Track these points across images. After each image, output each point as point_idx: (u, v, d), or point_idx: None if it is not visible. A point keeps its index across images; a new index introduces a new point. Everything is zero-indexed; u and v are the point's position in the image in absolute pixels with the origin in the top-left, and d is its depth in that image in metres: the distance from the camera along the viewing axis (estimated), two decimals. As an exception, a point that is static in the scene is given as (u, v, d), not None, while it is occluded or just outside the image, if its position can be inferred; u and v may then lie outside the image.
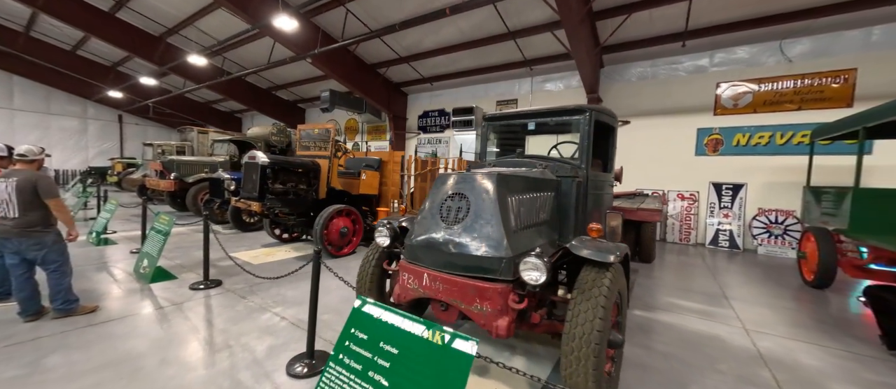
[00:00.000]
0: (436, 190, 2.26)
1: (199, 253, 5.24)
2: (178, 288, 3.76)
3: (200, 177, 8.88)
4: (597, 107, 2.87)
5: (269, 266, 4.80)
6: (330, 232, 5.19)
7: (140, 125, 21.20)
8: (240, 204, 5.01)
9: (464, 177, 2.16)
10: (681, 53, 8.05)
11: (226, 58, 12.47)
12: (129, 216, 8.60)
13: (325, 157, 5.67)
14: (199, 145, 11.69)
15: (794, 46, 6.91)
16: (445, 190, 2.19)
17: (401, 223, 2.65)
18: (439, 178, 2.32)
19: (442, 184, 2.25)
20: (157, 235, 4.13)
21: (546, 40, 8.51)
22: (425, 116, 12.71)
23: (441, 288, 2.00)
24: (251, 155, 5.01)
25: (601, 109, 2.90)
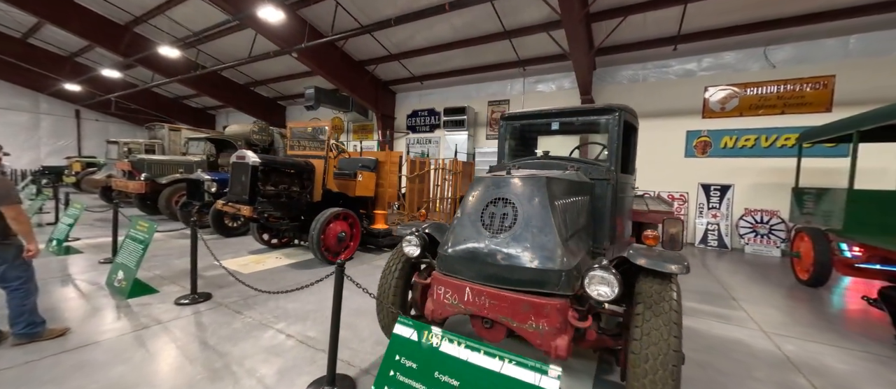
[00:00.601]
0: (473, 194, 2.06)
1: (179, 262, 4.78)
2: (161, 304, 3.36)
3: (175, 177, 8.23)
4: (624, 106, 2.76)
5: (261, 275, 4.43)
6: (327, 237, 4.88)
7: (101, 121, 19.65)
8: (227, 207, 4.60)
9: (507, 181, 1.97)
10: (670, 57, 8.22)
11: (200, 50, 11.70)
12: (91, 220, 7.85)
13: (320, 157, 5.33)
14: (171, 143, 10.92)
15: (778, 53, 7.20)
16: (486, 194, 2.00)
17: (425, 230, 2.44)
18: (476, 182, 2.12)
19: (481, 188, 2.05)
20: (135, 244, 3.69)
21: (541, 41, 8.48)
22: (414, 116, 12.44)
23: (487, 304, 1.80)
24: (240, 154, 4.61)
25: (627, 109, 2.80)
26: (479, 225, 1.94)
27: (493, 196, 1.97)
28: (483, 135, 11.09)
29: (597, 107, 2.78)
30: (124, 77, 14.95)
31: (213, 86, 13.95)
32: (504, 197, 1.93)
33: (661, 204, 4.72)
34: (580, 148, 3.57)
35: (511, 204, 1.91)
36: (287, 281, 4.19)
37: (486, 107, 10.99)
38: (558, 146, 3.96)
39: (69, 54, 14.46)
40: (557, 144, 3.92)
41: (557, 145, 4.14)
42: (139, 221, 3.86)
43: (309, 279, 4.31)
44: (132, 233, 3.83)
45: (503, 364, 1.28)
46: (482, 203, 1.98)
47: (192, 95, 17.32)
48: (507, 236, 1.83)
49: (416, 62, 10.68)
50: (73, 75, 14.72)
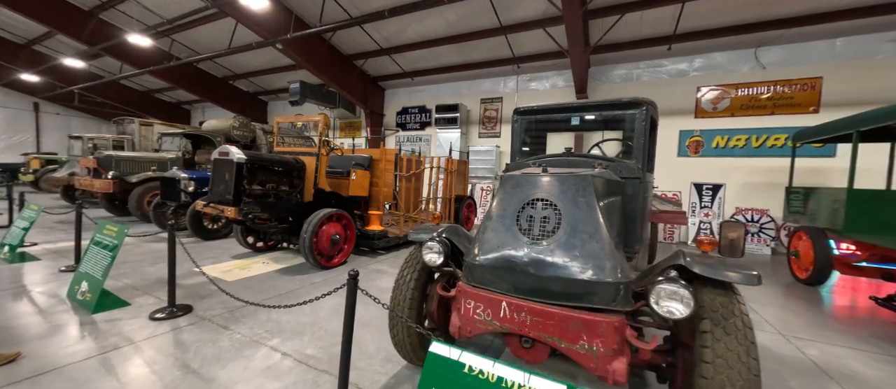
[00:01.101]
0: (505, 195, 1.82)
1: (153, 270, 4.33)
2: (133, 319, 2.96)
3: (147, 176, 7.61)
4: (651, 100, 2.59)
5: (247, 283, 4.04)
6: (319, 240, 4.53)
7: (62, 115, 18.29)
8: (208, 209, 4.18)
9: (545, 179, 1.75)
10: (663, 57, 8.26)
11: (174, 40, 10.97)
12: (51, 223, 7.15)
13: (311, 154, 4.97)
14: (142, 139, 10.16)
15: (768, 54, 7.32)
16: (521, 195, 1.76)
17: (442, 234, 2.19)
18: (506, 181, 1.88)
19: (513, 188, 1.82)
20: (102, 251, 3.26)
21: (536, 37, 8.34)
22: (404, 113, 12.11)
23: (529, 322, 1.57)
24: (223, 150, 4.20)
25: (653, 104, 2.63)
26: (515, 229, 1.71)
27: (530, 196, 1.74)
28: (475, 133, 10.89)
29: (623, 100, 2.60)
30: (89, 67, 13.92)
31: (188, 78, 13.16)
32: (544, 199, 1.70)
33: (666, 203, 4.64)
34: (599, 145, 3.34)
35: (552, 205, 1.68)
36: (277, 289, 3.84)
37: (479, 105, 10.80)
38: (557, 144, 3.76)
39: (26, 42, 13.31)
40: (558, 142, 3.75)
41: (557, 143, 3.95)
42: (107, 224, 3.42)
43: (300, 286, 3.97)
44: (98, 238, 3.38)
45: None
46: (517, 204, 1.75)
47: (165, 88, 16.34)
48: (550, 243, 1.60)
49: (406, 57, 10.36)
50: (30, 65, 13.57)
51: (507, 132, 10.33)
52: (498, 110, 10.52)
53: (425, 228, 2.31)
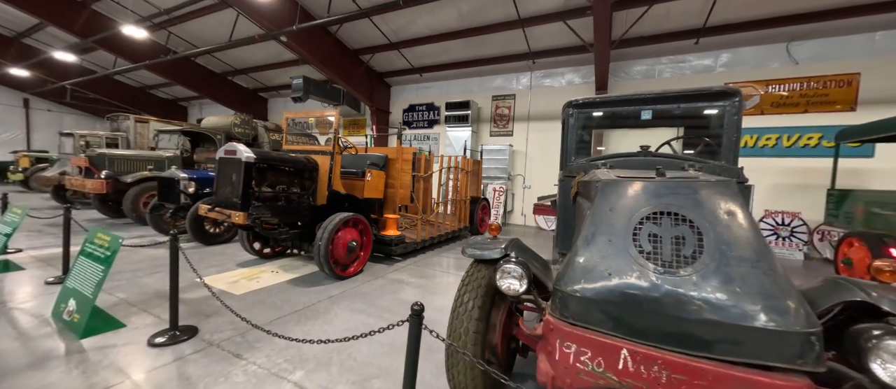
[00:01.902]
0: (607, 205, 1.42)
1: (151, 281, 3.89)
2: (129, 346, 2.53)
3: (143, 175, 7.15)
4: (739, 90, 2.20)
5: (258, 296, 3.62)
6: (335, 248, 4.11)
7: (54, 112, 17.69)
8: (213, 213, 3.75)
9: (672, 185, 1.35)
10: (687, 52, 7.89)
11: (171, 33, 10.47)
12: (40, 226, 6.67)
13: (323, 153, 4.54)
14: (138, 137, 9.69)
15: (801, 49, 6.96)
16: (636, 206, 1.36)
17: (505, 250, 1.79)
18: (609, 187, 1.48)
19: (620, 197, 1.41)
20: (93, 264, 2.82)
21: (554, 31, 7.95)
22: (411, 110, 11.68)
23: (665, 379, 1.17)
24: (230, 148, 3.77)
25: (740, 93, 2.24)
26: (632, 252, 1.31)
27: (652, 208, 1.33)
28: (486, 131, 10.48)
29: (711, 90, 2.20)
30: (81, 62, 13.36)
31: (185, 74, 12.65)
32: (676, 213, 1.30)
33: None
34: (670, 143, 2.93)
35: (686, 221, 1.28)
36: (291, 304, 3.42)
37: (490, 102, 10.39)
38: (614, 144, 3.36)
39: (15, 34, 12.73)
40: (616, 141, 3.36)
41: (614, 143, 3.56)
42: (98, 232, 2.99)
43: (316, 300, 3.56)
44: (88, 249, 2.95)
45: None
46: (633, 218, 1.35)
47: (161, 84, 15.80)
48: (693, 272, 1.20)
49: (415, 52, 9.93)
50: (19, 58, 12.99)
51: (521, 130, 9.94)
52: (510, 108, 10.12)
53: (485, 243, 1.91)
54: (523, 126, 9.93)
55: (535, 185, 9.80)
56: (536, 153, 9.79)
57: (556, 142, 9.40)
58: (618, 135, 8.20)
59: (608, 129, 3.60)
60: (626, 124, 2.82)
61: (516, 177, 10.00)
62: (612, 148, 8.61)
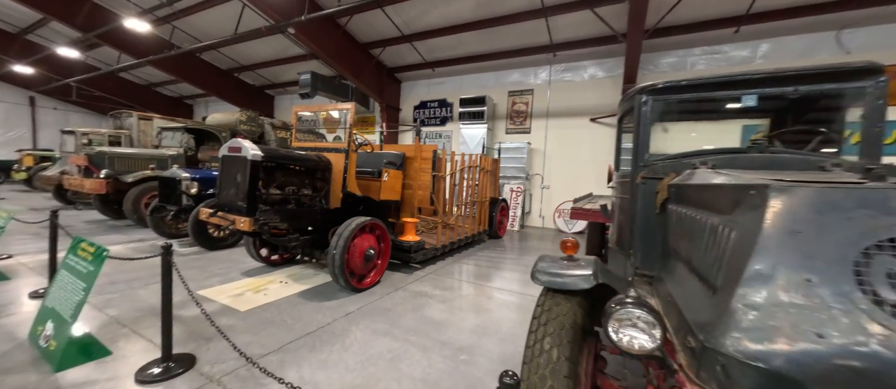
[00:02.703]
0: (799, 222, 0.94)
1: (147, 294, 3.48)
2: (112, 381, 2.11)
3: (144, 175, 6.77)
4: (881, 66, 1.71)
5: (265, 313, 3.19)
6: (351, 257, 3.67)
7: (60, 110, 17.53)
8: (216, 219, 3.32)
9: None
10: (723, 42, 7.33)
11: (175, 27, 10.11)
12: (36, 228, 6.30)
13: (338, 151, 4.10)
14: (141, 135, 9.35)
15: (853, 37, 6.38)
16: (861, 229, 0.88)
17: (595, 277, 1.32)
18: (794, 194, 1.00)
19: (826, 213, 0.94)
20: (73, 280, 2.40)
21: (578, 21, 7.44)
22: (422, 107, 11.23)
23: None
24: (234, 145, 3.34)
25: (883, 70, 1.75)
26: (862, 300, 0.83)
27: (884, 233, 0.85)
28: (502, 128, 9.99)
29: (844, 67, 1.71)
30: (85, 58, 13.10)
31: (190, 70, 12.32)
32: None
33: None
34: (774, 135, 2.38)
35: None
36: (304, 324, 2.98)
37: (506, 98, 9.89)
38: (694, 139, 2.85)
39: (18, 31, 12.50)
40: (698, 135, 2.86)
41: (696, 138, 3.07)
42: (82, 242, 2.56)
43: (331, 318, 3.12)
44: (70, 261, 2.53)
45: None
46: (854, 247, 0.87)
47: (166, 82, 15.52)
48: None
49: (427, 45, 9.46)
50: (23, 55, 12.77)
51: (539, 127, 9.43)
52: (528, 104, 9.61)
53: (560, 265, 1.44)
54: (541, 123, 9.42)
55: (555, 185, 9.29)
56: (555, 151, 9.28)
57: (579, 139, 8.89)
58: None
59: (689, 121, 3.11)
60: (717, 114, 2.33)
61: (534, 177, 9.49)
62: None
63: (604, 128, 8.60)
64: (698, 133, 4.07)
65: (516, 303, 3.70)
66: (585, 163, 8.86)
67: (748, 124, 7.06)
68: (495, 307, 3.58)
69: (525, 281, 4.49)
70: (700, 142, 2.45)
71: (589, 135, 8.79)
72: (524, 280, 4.54)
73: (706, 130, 4.29)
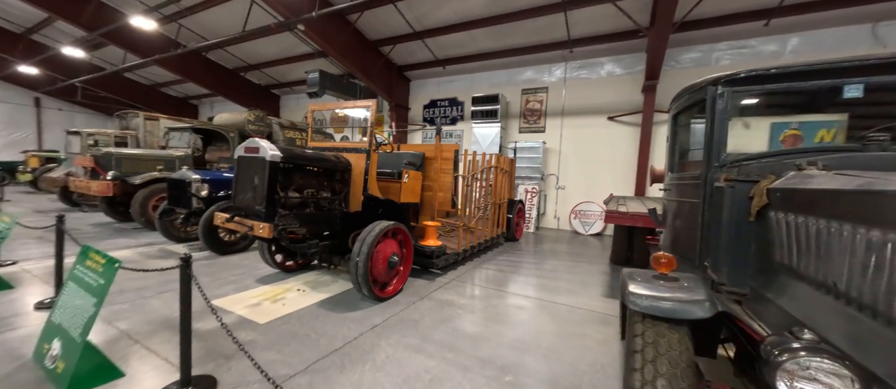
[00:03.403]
0: None
1: (158, 304, 3.26)
2: (127, 409, 1.89)
3: (152, 176, 6.58)
4: None
5: (286, 325, 2.97)
6: (375, 264, 3.44)
7: (65, 111, 17.44)
8: (232, 224, 3.10)
9: None
10: (749, 36, 7.05)
11: (182, 25, 9.93)
12: (41, 232, 6.11)
13: (358, 151, 3.87)
14: (147, 135, 9.20)
15: (891, 30, 6.08)
16: None
17: (714, 305, 1.07)
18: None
19: None
20: (83, 294, 2.19)
21: (599, 15, 7.17)
22: (432, 106, 11.00)
23: None
24: (251, 145, 3.12)
25: None
26: None
27: None
28: (515, 127, 9.74)
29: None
30: (90, 58, 12.96)
31: (196, 70, 12.15)
32: None
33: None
34: (870, 135, 2.12)
35: None
36: (329, 339, 2.76)
37: (520, 96, 9.65)
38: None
39: (23, 30, 12.38)
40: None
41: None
42: (91, 251, 2.35)
43: (357, 332, 2.89)
44: (79, 273, 2.32)
45: None
46: None
47: (171, 82, 15.37)
48: None
49: (439, 42, 9.23)
50: (28, 55, 12.64)
51: (554, 126, 9.17)
52: (542, 102, 9.36)
53: (659, 285, 1.20)
54: (556, 121, 9.17)
55: (570, 186, 9.03)
56: (571, 151, 9.02)
57: (595, 138, 8.60)
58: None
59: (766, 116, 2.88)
60: (807, 106, 2.09)
61: (549, 177, 9.24)
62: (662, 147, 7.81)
63: (622, 126, 8.33)
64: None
65: (550, 313, 3.46)
66: (602, 162, 8.60)
67: (777, 122, 6.79)
68: (528, 318, 3.34)
69: (554, 288, 4.25)
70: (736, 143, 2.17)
71: (606, 134, 8.53)
72: (553, 287, 4.29)
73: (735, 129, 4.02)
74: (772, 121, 3.53)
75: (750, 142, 2.76)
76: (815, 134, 6.43)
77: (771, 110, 2.42)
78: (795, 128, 6.75)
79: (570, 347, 2.78)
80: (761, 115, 2.44)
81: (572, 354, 2.67)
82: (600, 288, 4.25)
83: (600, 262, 5.73)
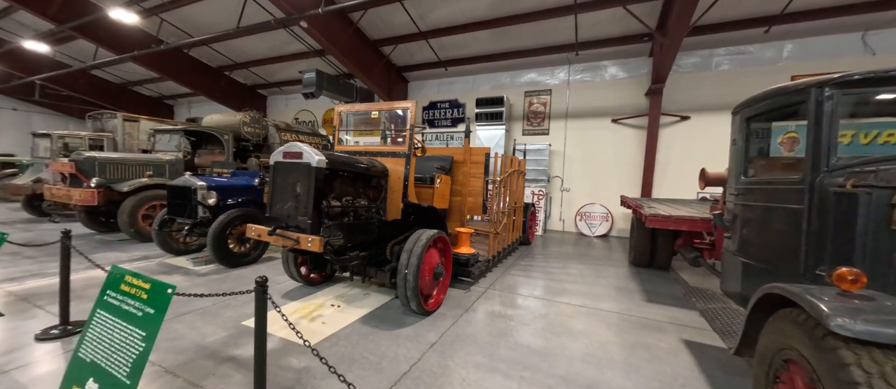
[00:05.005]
0: None
1: (181, 328, 2.91)
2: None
3: (142, 183, 6.02)
4: None
5: (337, 347, 2.70)
6: (422, 275, 3.22)
7: (20, 111, 15.91)
8: (275, 238, 2.78)
9: None
10: (748, 42, 7.33)
11: (164, 20, 9.23)
12: (11, 249, 5.42)
13: (397, 156, 3.64)
14: (126, 138, 8.48)
15: (879, 39, 6.48)
16: None
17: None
18: None
19: None
20: (126, 325, 1.85)
21: (607, 18, 7.25)
22: (432, 108, 10.80)
23: None
24: (292, 150, 2.82)
25: None
26: None
27: None
28: (519, 129, 9.71)
29: None
30: (54, 53, 11.85)
31: (177, 67, 11.37)
32: None
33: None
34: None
35: None
36: (391, 361, 2.52)
37: (523, 99, 9.62)
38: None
39: (-26, 21, 11.12)
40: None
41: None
42: (127, 274, 2.01)
43: (418, 352, 2.67)
44: (111, 301, 1.97)
45: None
46: None
47: (146, 80, 14.33)
48: None
49: (442, 42, 9.06)
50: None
51: (558, 129, 9.20)
52: (546, 104, 9.38)
53: (865, 310, 1.10)
54: (560, 124, 9.20)
55: (574, 188, 9.08)
56: (575, 153, 9.08)
57: (600, 140, 8.65)
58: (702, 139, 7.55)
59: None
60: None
61: (554, 179, 9.26)
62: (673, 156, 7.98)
63: (627, 129, 8.46)
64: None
65: (602, 321, 3.36)
66: (608, 164, 8.70)
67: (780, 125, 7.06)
68: (584, 328, 3.23)
69: (592, 294, 4.18)
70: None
71: (610, 137, 8.64)
72: (590, 293, 4.22)
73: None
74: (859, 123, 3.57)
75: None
76: (874, 134, 6.72)
77: (877, 115, 2.41)
78: (793, 132, 7.06)
79: (643, 360, 2.68)
80: (869, 116, 2.42)
81: (649, 368, 2.57)
82: (639, 294, 4.20)
83: (620, 265, 5.73)
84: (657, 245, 5.20)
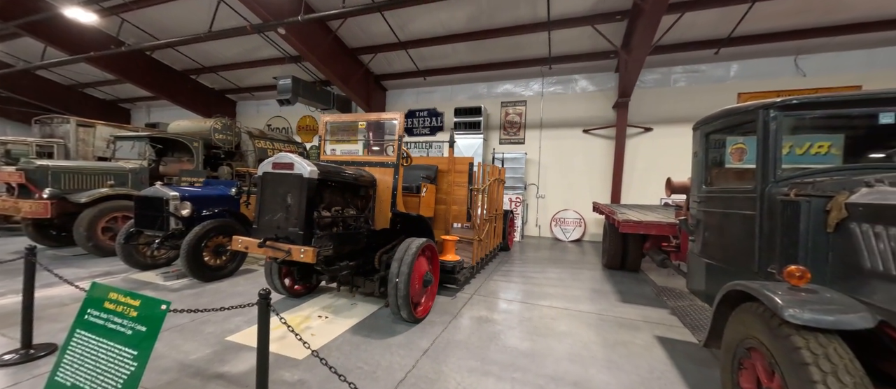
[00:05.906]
0: None
1: (161, 347, 2.77)
2: None
3: (102, 193, 5.62)
4: None
5: (327, 356, 2.68)
6: (412, 283, 3.28)
7: (-53, 113, 14.24)
8: (264, 251, 2.74)
9: None
10: (701, 62, 8.06)
11: (125, 20, 8.72)
12: (-51, 265, 4.90)
13: (385, 165, 3.69)
14: (80, 145, 7.87)
15: (808, 62, 7.35)
16: None
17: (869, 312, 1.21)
18: None
19: None
20: (113, 344, 1.78)
21: (577, 35, 7.71)
22: (411, 116, 10.89)
23: None
24: (283, 161, 2.81)
25: None
26: None
27: None
28: (496, 138, 10.00)
29: None
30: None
31: (138, 69, 10.71)
32: None
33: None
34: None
35: None
36: (386, 370, 2.55)
37: (499, 108, 9.94)
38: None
39: None
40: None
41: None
42: (111, 291, 1.93)
43: (411, 360, 2.72)
44: (92, 320, 1.88)
45: None
46: None
47: (100, 82, 13.35)
48: None
49: (421, 52, 9.21)
50: None
51: (533, 138, 9.58)
52: (521, 114, 9.74)
53: (812, 300, 1.31)
54: (535, 133, 9.59)
55: (549, 195, 9.46)
56: (550, 161, 9.48)
57: (572, 149, 9.11)
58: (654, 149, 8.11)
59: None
60: (846, 131, 2.43)
61: (530, 187, 9.60)
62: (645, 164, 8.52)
63: (597, 139, 8.97)
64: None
65: (583, 322, 3.57)
66: (580, 172, 9.15)
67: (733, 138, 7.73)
68: (567, 329, 3.41)
69: (572, 296, 4.40)
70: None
71: (582, 146, 9.11)
72: (570, 295, 4.44)
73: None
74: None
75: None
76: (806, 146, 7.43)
77: (812, 131, 2.76)
78: (741, 143, 7.76)
79: (622, 356, 2.88)
80: (806, 134, 2.76)
81: (628, 363, 2.77)
82: (614, 295, 4.47)
83: (594, 268, 6.04)
84: (628, 248, 5.55)
